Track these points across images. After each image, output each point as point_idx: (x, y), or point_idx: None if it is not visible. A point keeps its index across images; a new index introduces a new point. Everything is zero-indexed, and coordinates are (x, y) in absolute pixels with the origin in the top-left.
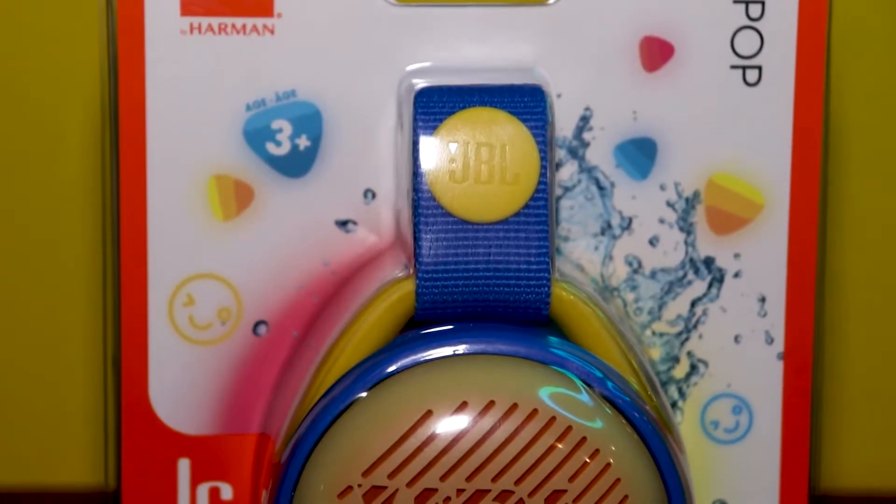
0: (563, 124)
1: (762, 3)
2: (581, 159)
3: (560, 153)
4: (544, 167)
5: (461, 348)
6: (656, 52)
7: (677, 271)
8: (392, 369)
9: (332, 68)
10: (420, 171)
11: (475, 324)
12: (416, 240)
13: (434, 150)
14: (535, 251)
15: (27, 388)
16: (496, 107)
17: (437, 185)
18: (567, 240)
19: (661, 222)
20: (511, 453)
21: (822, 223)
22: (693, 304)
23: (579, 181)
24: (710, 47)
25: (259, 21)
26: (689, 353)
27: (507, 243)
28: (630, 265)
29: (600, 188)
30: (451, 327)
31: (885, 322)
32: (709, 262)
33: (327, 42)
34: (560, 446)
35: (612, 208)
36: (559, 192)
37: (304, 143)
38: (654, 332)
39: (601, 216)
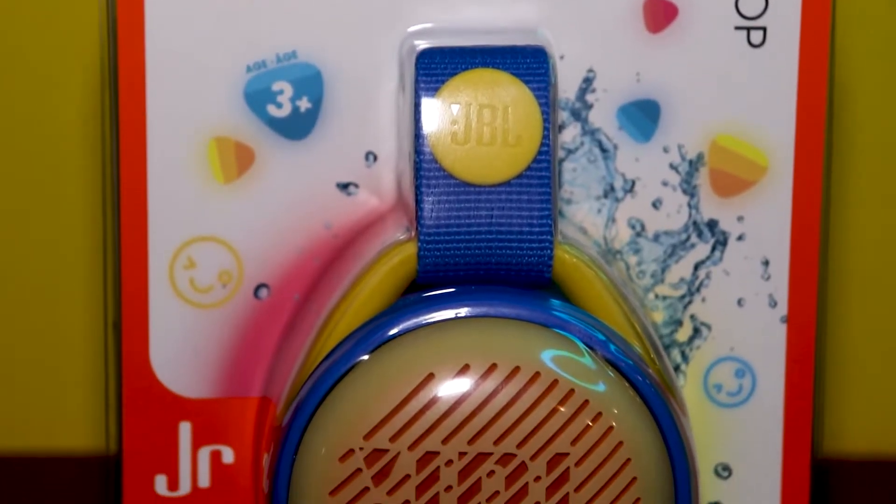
0: (566, 86)
1: None
2: (584, 121)
3: (563, 115)
4: (547, 129)
5: (463, 311)
6: (660, 13)
7: (680, 234)
8: (393, 332)
9: (332, 29)
10: (422, 133)
11: (477, 286)
12: (418, 202)
13: (436, 112)
14: (537, 213)
15: (27, 353)
16: (498, 68)
17: (438, 147)
18: (570, 202)
19: (665, 185)
20: (513, 416)
21: (826, 185)
22: (696, 267)
23: (582, 143)
24: (715, 8)
25: None
26: (691, 316)
27: (509, 205)
28: (633, 228)
29: (603, 150)
30: (452, 290)
31: (889, 285)
32: (712, 224)
33: (328, 3)
34: (562, 409)
35: (615, 171)
36: (562, 154)
37: (304, 105)
38: (656, 296)
39: (604, 179)
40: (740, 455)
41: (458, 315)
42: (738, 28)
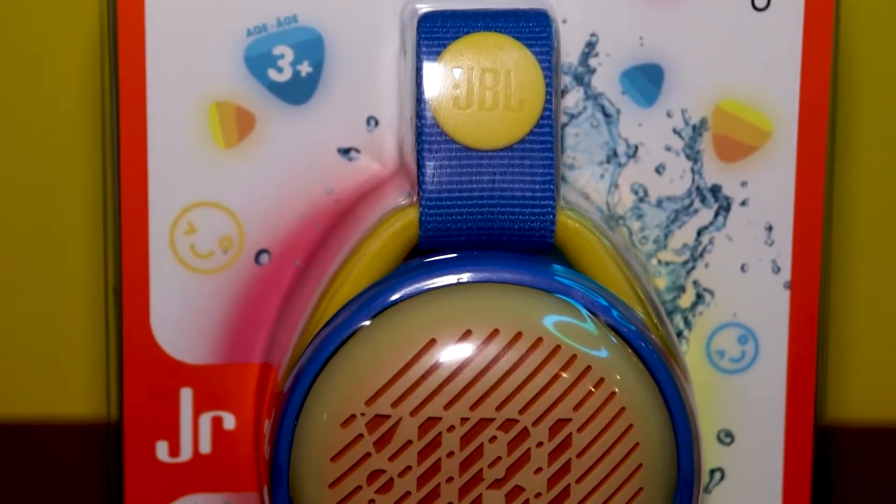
0: (569, 50)
1: None
2: (587, 86)
3: (565, 80)
4: (549, 94)
5: (465, 276)
6: None
7: (683, 200)
8: (395, 298)
9: None
10: (423, 97)
11: (479, 252)
12: (420, 167)
13: (437, 77)
14: (539, 178)
15: (28, 319)
16: (501, 32)
17: (440, 111)
18: (572, 168)
19: (668, 150)
20: (515, 382)
21: (830, 151)
22: (699, 233)
23: (585, 108)
24: None
25: None
26: (694, 282)
27: (511, 170)
28: (636, 193)
29: (606, 115)
30: (454, 255)
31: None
32: (715, 190)
33: None
34: (565, 375)
35: (618, 136)
36: (564, 119)
37: (305, 69)
38: (659, 261)
39: (607, 144)
40: (743, 421)
41: (460, 280)
42: None
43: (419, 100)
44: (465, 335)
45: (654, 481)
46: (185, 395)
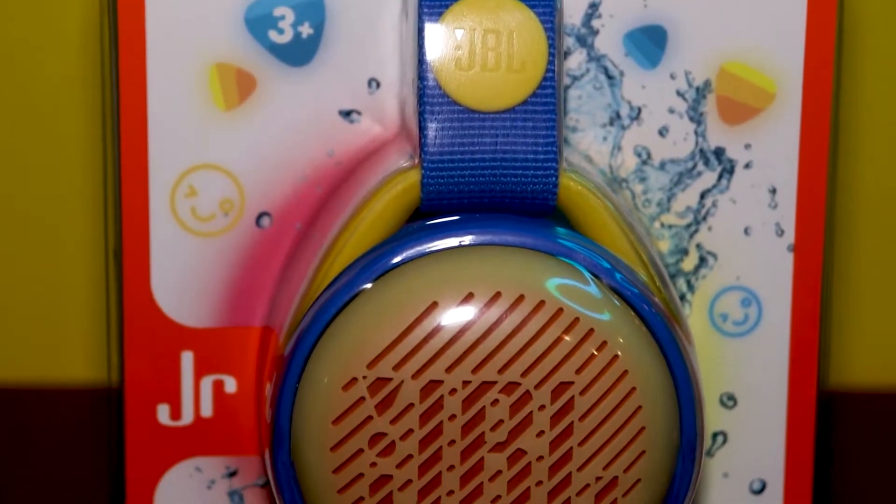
0: (572, 11)
1: None
2: (590, 47)
3: (568, 41)
4: (552, 55)
5: (467, 239)
6: None
7: (687, 162)
8: (397, 260)
9: None
10: (425, 59)
11: (481, 214)
12: (422, 129)
13: (439, 38)
14: (542, 140)
15: (28, 283)
16: None
17: (442, 73)
18: (575, 130)
19: (671, 112)
20: (517, 345)
21: (834, 112)
22: (702, 196)
23: (588, 70)
24: None
25: None
26: (698, 245)
27: (514, 132)
28: (639, 156)
29: (609, 77)
30: (456, 218)
31: None
32: (719, 152)
33: None
34: (567, 338)
35: (621, 98)
36: (567, 80)
37: (306, 30)
38: (662, 224)
39: (610, 106)
40: (746, 385)
41: (462, 243)
42: None
43: (421, 61)
44: (467, 298)
45: (656, 444)
46: (187, 359)
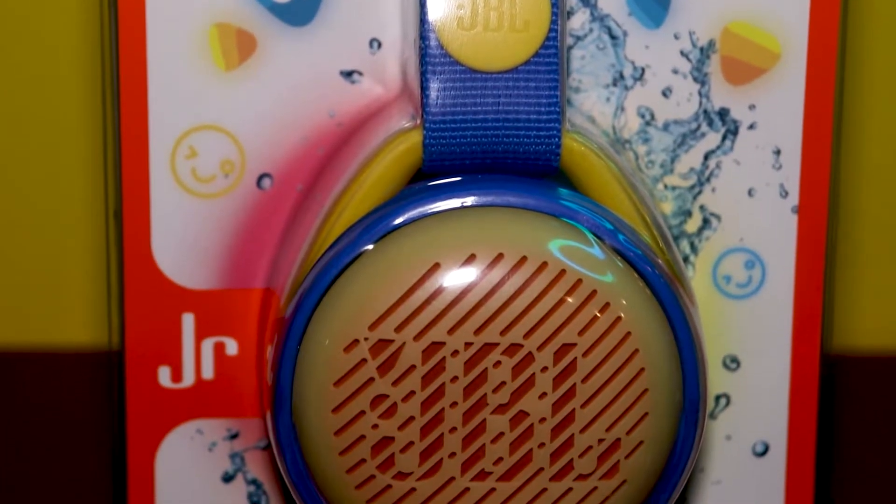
0: None
1: None
2: (593, 7)
3: (571, 0)
4: (555, 14)
5: (469, 200)
6: None
7: (690, 123)
8: (399, 222)
9: None
10: (427, 18)
11: (483, 175)
12: (423, 89)
13: None
14: (545, 101)
15: (28, 245)
16: None
17: (444, 32)
18: (578, 91)
19: (675, 72)
20: (520, 307)
21: (840, 73)
22: (706, 157)
23: (591, 30)
24: None
25: None
26: (701, 206)
27: (516, 92)
28: (642, 117)
29: (612, 37)
30: (458, 179)
31: None
32: (723, 113)
33: None
34: (570, 300)
35: (625, 58)
36: (570, 41)
37: None
38: (666, 186)
39: (613, 66)
40: (749, 347)
41: (465, 204)
42: None
43: (423, 21)
44: (470, 259)
45: (659, 406)
46: (187, 321)
